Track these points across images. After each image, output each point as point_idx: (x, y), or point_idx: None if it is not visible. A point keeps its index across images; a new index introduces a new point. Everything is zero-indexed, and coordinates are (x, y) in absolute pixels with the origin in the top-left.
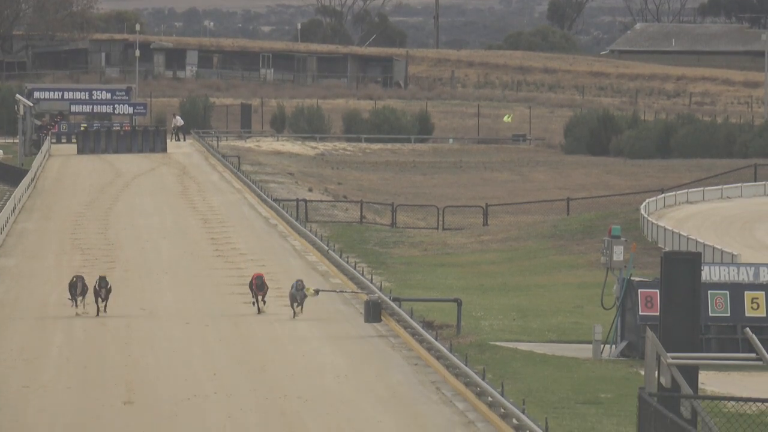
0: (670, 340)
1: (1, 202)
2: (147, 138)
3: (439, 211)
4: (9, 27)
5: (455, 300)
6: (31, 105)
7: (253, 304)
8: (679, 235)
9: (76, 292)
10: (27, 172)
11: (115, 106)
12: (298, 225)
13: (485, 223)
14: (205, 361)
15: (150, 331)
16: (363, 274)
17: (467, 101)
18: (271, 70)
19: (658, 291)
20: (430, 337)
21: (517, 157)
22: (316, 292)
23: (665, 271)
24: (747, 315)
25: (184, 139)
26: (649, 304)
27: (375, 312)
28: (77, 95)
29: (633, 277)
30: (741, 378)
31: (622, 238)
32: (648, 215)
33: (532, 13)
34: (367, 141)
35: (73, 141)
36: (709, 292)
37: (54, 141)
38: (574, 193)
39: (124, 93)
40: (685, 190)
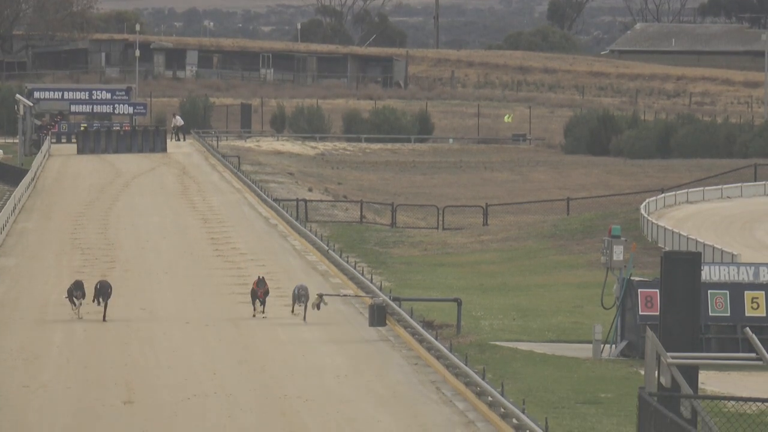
0: (670, 340)
1: (1, 202)
2: (147, 138)
3: (439, 211)
4: (9, 27)
5: (455, 300)
6: (31, 105)
7: (254, 316)
8: (679, 234)
9: (74, 298)
10: (27, 171)
11: (115, 106)
12: (298, 225)
13: (485, 223)
14: (205, 361)
15: (150, 331)
16: (363, 274)
17: (467, 101)
18: (271, 70)
19: (658, 291)
20: (430, 336)
21: (517, 157)
22: (320, 296)
23: (665, 271)
24: (747, 315)
25: (184, 139)
26: (649, 303)
27: (380, 315)
28: (77, 95)
29: (633, 277)
30: (741, 378)
31: (622, 238)
32: (648, 215)
33: (532, 13)
34: (367, 141)
35: (73, 141)
36: (709, 291)
37: (54, 141)
38: (574, 193)
39: (124, 93)
40: (685, 190)
